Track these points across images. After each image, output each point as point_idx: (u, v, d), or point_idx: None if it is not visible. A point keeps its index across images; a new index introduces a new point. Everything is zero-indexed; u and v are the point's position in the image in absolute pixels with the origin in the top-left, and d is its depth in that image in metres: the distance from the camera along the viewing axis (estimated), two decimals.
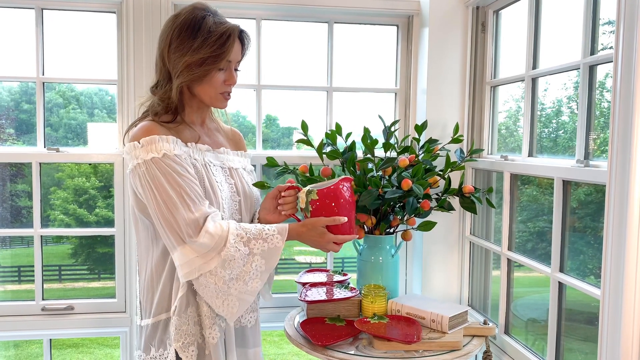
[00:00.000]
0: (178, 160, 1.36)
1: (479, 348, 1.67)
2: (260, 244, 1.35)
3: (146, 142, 1.36)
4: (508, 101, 2.07)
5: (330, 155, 1.94)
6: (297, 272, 2.03)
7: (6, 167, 2.68)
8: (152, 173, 1.34)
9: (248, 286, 1.36)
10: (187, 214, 1.31)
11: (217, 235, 1.31)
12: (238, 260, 1.33)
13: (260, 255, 1.35)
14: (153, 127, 1.40)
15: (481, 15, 2.11)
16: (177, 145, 1.39)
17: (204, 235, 1.31)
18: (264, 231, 1.37)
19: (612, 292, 1.14)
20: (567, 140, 1.72)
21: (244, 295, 1.37)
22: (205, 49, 1.38)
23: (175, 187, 1.32)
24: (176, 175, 1.34)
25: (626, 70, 1.09)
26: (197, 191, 1.35)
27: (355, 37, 2.30)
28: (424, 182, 1.79)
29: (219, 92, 1.46)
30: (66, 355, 6.85)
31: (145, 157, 1.35)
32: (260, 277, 1.37)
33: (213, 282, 1.33)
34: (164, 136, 1.38)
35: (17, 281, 5.65)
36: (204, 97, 1.46)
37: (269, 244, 1.36)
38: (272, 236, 1.36)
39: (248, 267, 1.34)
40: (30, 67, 2.08)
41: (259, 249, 1.35)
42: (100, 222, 5.00)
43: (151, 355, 1.44)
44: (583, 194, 1.60)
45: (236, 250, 1.32)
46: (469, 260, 2.17)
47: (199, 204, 1.34)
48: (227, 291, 1.34)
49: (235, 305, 1.37)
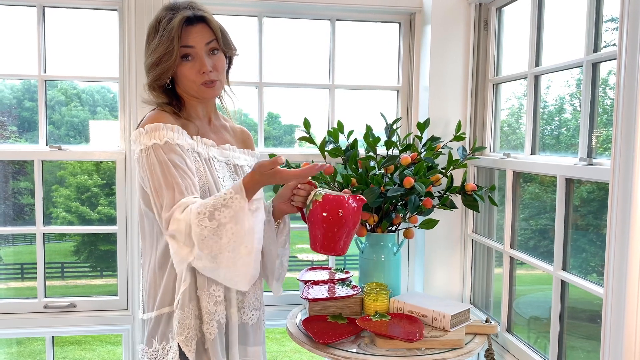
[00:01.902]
0: (178, 150, 1.36)
1: (481, 346, 1.67)
2: (225, 212, 1.27)
3: (150, 128, 1.36)
4: (510, 98, 2.07)
5: (333, 153, 1.94)
6: (299, 269, 2.03)
7: (9, 165, 2.68)
8: (150, 160, 1.34)
9: (240, 253, 1.29)
10: (169, 204, 1.31)
11: (183, 220, 1.28)
12: (210, 237, 1.26)
13: (231, 223, 1.27)
14: (161, 115, 1.40)
15: (484, 13, 2.10)
16: (181, 135, 1.39)
17: (172, 223, 1.29)
18: (222, 197, 1.29)
19: (615, 290, 1.14)
20: (569, 137, 1.71)
21: (240, 265, 1.30)
22: (160, 47, 1.37)
23: (167, 177, 1.32)
24: (171, 166, 1.33)
25: (629, 68, 1.09)
26: (189, 184, 1.33)
27: (357, 34, 2.30)
28: (426, 180, 1.79)
29: (198, 83, 1.42)
30: (69, 352, 6.87)
31: (147, 143, 1.35)
32: (245, 240, 1.29)
33: (202, 265, 1.30)
34: (170, 125, 1.38)
35: (20, 278, 5.66)
36: (189, 91, 1.45)
37: (233, 209, 1.27)
38: (232, 199, 1.28)
39: (226, 240, 1.27)
40: (33, 64, 2.08)
41: (226, 217, 1.27)
42: (102, 219, 5.01)
43: (153, 349, 1.44)
44: (586, 192, 1.59)
45: (202, 228, 1.26)
46: (471, 258, 2.17)
47: (186, 196, 1.32)
48: (217, 269, 1.31)
49: (239, 274, 1.32)
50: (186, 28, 1.39)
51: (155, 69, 1.39)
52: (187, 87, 1.44)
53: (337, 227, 1.38)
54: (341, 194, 1.43)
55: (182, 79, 1.42)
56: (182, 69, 1.41)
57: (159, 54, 1.38)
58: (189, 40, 1.39)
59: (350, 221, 1.40)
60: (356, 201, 1.42)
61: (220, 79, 1.46)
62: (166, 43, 1.37)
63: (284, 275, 1.63)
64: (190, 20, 1.40)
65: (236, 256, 1.29)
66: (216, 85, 1.45)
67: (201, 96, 1.46)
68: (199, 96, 1.46)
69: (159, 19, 1.41)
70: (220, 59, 1.45)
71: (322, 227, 1.39)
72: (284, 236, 1.58)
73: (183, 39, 1.39)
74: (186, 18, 1.39)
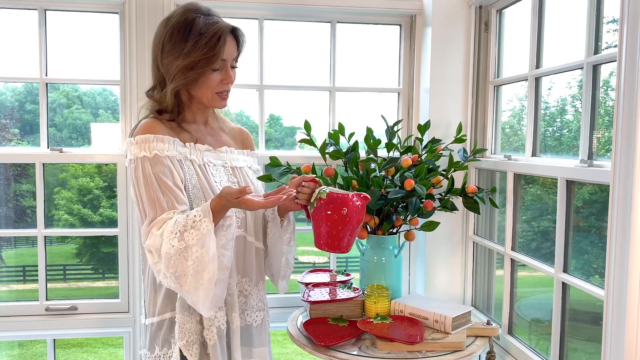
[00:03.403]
0: (166, 163, 1.37)
1: (483, 348, 1.66)
2: (193, 234, 1.27)
3: (140, 140, 1.38)
4: (511, 100, 2.06)
5: (333, 155, 1.94)
6: (300, 272, 2.03)
7: (11, 167, 2.69)
8: (137, 173, 1.37)
9: (202, 279, 1.28)
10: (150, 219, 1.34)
11: (158, 236, 1.30)
12: (175, 256, 1.27)
13: (197, 246, 1.27)
14: (153, 125, 1.41)
15: (484, 15, 2.10)
16: (172, 145, 1.40)
17: (149, 237, 1.32)
18: (191, 219, 1.29)
19: (616, 292, 1.14)
20: (571, 139, 1.71)
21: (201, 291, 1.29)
22: (197, 51, 1.37)
23: (150, 192, 1.34)
24: (155, 181, 1.34)
25: (630, 69, 1.08)
26: (170, 199, 1.34)
27: (358, 36, 2.30)
28: (427, 182, 1.79)
29: (215, 92, 1.45)
30: (70, 354, 6.87)
31: (137, 155, 1.37)
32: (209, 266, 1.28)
33: (167, 284, 1.32)
34: (160, 135, 1.39)
35: (22, 281, 5.67)
36: (201, 98, 1.46)
37: (200, 231, 1.28)
38: (200, 222, 1.28)
39: (190, 262, 1.27)
40: (34, 67, 2.09)
41: (193, 239, 1.27)
42: (104, 222, 5.01)
43: (155, 354, 1.44)
44: (587, 194, 1.59)
45: (170, 247, 1.27)
46: (472, 260, 2.17)
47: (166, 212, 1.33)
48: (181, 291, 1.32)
49: (200, 300, 1.30)
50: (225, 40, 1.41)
51: (189, 73, 1.39)
52: (201, 93, 1.45)
53: (342, 225, 1.39)
54: (345, 192, 1.44)
55: (201, 85, 1.43)
56: (210, 77, 1.42)
57: (195, 59, 1.37)
58: (226, 53, 1.41)
59: (354, 219, 1.41)
60: (360, 199, 1.43)
61: None
62: (205, 49, 1.37)
63: (290, 274, 1.64)
64: (233, 34, 1.44)
65: (198, 282, 1.28)
66: (228, 97, 1.50)
67: (211, 104, 1.48)
68: (209, 104, 1.48)
69: (190, 20, 1.39)
70: (236, 72, 1.50)
71: (327, 225, 1.40)
72: (289, 233, 1.59)
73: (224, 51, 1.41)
74: (231, 31, 1.42)
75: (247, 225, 1.51)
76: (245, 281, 1.52)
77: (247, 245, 1.52)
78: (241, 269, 1.51)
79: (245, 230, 1.51)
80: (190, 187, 1.41)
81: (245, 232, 1.50)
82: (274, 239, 1.55)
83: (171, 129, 1.44)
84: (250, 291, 1.52)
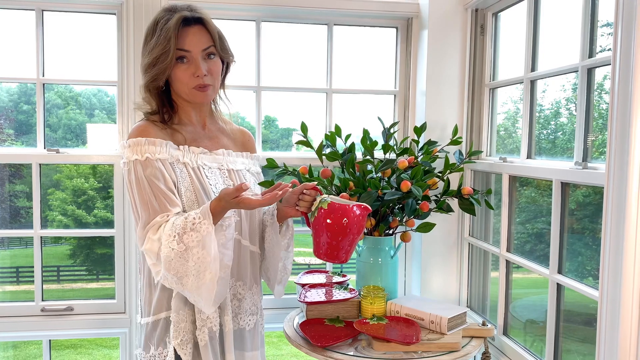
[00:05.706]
0: (157, 166, 1.37)
1: (478, 349, 1.67)
2: (193, 236, 1.28)
3: (133, 143, 1.39)
4: (507, 103, 2.08)
5: (330, 157, 1.94)
6: (296, 273, 2.03)
7: (4, 168, 2.68)
8: (130, 176, 1.38)
9: (205, 279, 1.29)
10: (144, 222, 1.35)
11: (156, 240, 1.32)
12: (175, 258, 1.28)
13: (198, 247, 1.28)
14: (146, 128, 1.42)
15: (480, 18, 2.12)
16: (164, 148, 1.40)
17: (146, 242, 1.33)
18: (190, 221, 1.29)
19: (610, 294, 1.15)
20: (565, 142, 1.73)
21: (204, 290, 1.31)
22: (157, 47, 1.38)
23: (143, 196, 1.35)
24: (147, 184, 1.35)
25: (624, 73, 1.10)
26: (162, 202, 1.34)
27: (355, 39, 2.31)
28: (423, 183, 1.80)
29: (191, 86, 1.42)
30: (65, 356, 6.83)
31: (130, 158, 1.38)
32: (211, 266, 1.29)
33: (168, 284, 1.34)
34: (152, 139, 1.39)
35: (16, 282, 5.63)
36: (181, 94, 1.45)
37: (201, 233, 1.28)
38: (200, 223, 1.29)
39: (192, 263, 1.28)
40: (30, 68, 2.08)
41: (193, 241, 1.28)
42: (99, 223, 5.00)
43: (150, 354, 1.44)
44: (581, 196, 1.60)
45: (170, 250, 1.28)
46: (467, 261, 2.18)
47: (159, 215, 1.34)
48: (183, 290, 1.33)
49: (203, 299, 1.32)
50: (183, 29, 1.39)
51: (152, 70, 1.40)
52: (179, 89, 1.44)
53: (342, 236, 1.39)
54: (346, 202, 1.44)
55: (176, 81, 1.42)
56: (176, 71, 1.41)
57: (155, 55, 1.38)
58: (186, 42, 1.39)
59: (354, 230, 1.41)
60: (361, 210, 1.42)
61: (215, 84, 1.45)
62: (163, 43, 1.37)
63: (287, 279, 1.63)
64: (188, 21, 1.40)
65: (200, 281, 1.30)
66: (209, 90, 1.44)
67: (192, 100, 1.46)
68: (190, 100, 1.46)
69: (156, 19, 1.42)
70: (216, 63, 1.45)
71: (327, 235, 1.40)
72: (287, 239, 1.57)
73: (180, 41, 1.39)
74: (183, 18, 1.39)
75: (241, 229, 1.50)
76: (239, 285, 1.51)
77: (241, 249, 1.50)
78: (235, 273, 1.50)
79: (240, 233, 1.49)
80: (182, 189, 1.40)
81: (240, 235, 1.49)
82: (272, 244, 1.54)
83: (165, 131, 1.44)
84: (244, 295, 1.52)
